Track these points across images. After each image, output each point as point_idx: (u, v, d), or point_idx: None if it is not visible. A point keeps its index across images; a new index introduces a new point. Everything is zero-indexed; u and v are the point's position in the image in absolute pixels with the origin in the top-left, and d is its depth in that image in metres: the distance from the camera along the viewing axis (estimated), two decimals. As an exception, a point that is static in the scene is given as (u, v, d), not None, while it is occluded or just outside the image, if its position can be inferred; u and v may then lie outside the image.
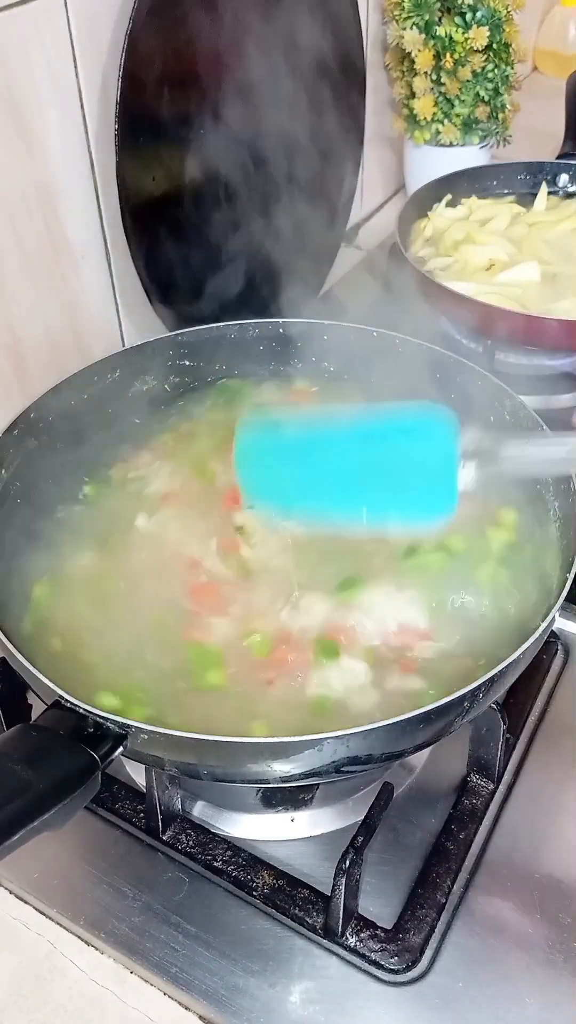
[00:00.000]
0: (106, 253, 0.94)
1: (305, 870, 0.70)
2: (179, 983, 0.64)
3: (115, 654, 0.68)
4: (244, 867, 0.69)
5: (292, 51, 1.00)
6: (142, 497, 0.80)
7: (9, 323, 0.85)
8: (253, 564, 0.74)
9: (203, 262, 0.99)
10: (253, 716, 0.63)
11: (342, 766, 0.58)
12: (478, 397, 0.83)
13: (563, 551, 0.70)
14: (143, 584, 0.73)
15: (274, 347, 0.92)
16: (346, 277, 1.34)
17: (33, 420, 0.78)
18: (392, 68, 1.33)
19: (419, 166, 1.39)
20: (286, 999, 0.63)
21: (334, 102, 1.13)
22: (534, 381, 1.11)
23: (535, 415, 0.78)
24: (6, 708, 0.73)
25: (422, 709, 0.56)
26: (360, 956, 0.65)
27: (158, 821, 0.70)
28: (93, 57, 0.84)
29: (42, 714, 0.57)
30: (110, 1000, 0.64)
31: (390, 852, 0.70)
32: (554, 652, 0.85)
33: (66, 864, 0.70)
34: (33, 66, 0.78)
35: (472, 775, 0.74)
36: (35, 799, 0.50)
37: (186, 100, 0.90)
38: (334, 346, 0.91)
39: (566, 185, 1.29)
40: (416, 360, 0.87)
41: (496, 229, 1.17)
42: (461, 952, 0.65)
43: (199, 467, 0.83)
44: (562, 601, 0.64)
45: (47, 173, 0.84)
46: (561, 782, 0.75)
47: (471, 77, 1.26)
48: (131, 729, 0.55)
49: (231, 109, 0.95)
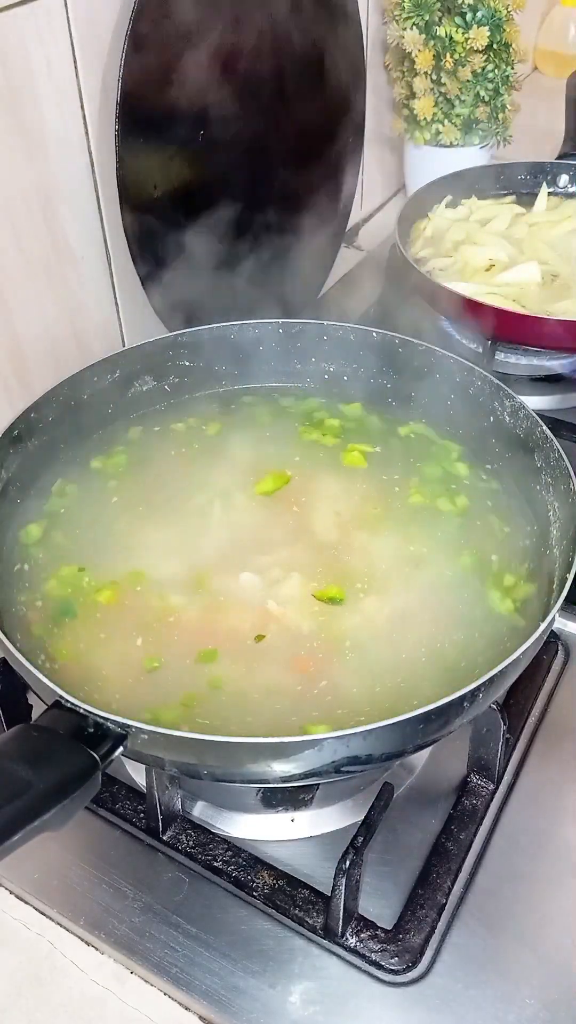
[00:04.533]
0: (106, 253, 0.94)
1: (305, 870, 0.70)
2: (179, 983, 0.64)
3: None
4: (244, 867, 0.69)
5: (292, 51, 1.00)
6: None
7: (9, 323, 0.85)
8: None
9: (203, 262, 0.98)
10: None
11: (342, 766, 0.58)
12: (478, 397, 0.83)
13: (563, 551, 0.70)
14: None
15: (274, 347, 0.92)
16: (346, 277, 1.34)
17: (33, 420, 0.78)
18: (392, 68, 1.33)
19: (419, 166, 1.39)
20: (286, 999, 0.63)
21: (334, 102, 1.13)
22: (534, 381, 1.11)
23: (535, 415, 0.78)
24: (6, 708, 0.73)
25: (422, 709, 0.56)
26: (360, 956, 0.65)
27: (158, 821, 0.70)
28: (93, 57, 0.84)
29: (42, 714, 0.57)
30: (110, 1000, 0.64)
31: (390, 852, 0.70)
32: (554, 652, 0.85)
33: (66, 864, 0.70)
34: (33, 66, 0.78)
35: (472, 775, 0.74)
36: (35, 799, 0.50)
37: (186, 100, 0.90)
38: (334, 346, 0.91)
39: (567, 185, 1.29)
40: (416, 360, 0.87)
41: (496, 229, 1.17)
42: (461, 952, 0.65)
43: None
44: (562, 601, 0.64)
45: (47, 173, 0.84)
46: (561, 782, 0.75)
47: (471, 77, 1.26)
48: (131, 729, 0.55)
49: (231, 109, 0.95)
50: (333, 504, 0.80)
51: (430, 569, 0.74)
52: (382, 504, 0.80)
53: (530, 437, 0.78)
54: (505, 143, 1.37)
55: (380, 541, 0.76)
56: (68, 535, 0.77)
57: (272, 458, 0.84)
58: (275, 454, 0.85)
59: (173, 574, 0.74)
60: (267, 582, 0.72)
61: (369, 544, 0.76)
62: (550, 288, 1.08)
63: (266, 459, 0.84)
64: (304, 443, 0.86)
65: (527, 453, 0.78)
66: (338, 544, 0.76)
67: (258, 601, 0.71)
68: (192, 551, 0.76)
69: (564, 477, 0.73)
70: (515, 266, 1.09)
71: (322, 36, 1.06)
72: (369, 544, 0.76)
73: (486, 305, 1.01)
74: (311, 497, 0.80)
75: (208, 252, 0.99)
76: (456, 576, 0.74)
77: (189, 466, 0.84)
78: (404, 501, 0.80)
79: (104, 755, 0.55)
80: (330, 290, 1.30)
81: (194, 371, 0.90)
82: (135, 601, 0.72)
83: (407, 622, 0.70)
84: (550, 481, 0.75)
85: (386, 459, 0.85)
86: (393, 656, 0.68)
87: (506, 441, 0.81)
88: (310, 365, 0.92)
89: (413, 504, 0.80)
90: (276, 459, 0.84)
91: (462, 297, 1.02)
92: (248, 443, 0.86)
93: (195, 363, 0.90)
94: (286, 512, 0.79)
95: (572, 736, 0.78)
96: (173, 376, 0.90)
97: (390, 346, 0.88)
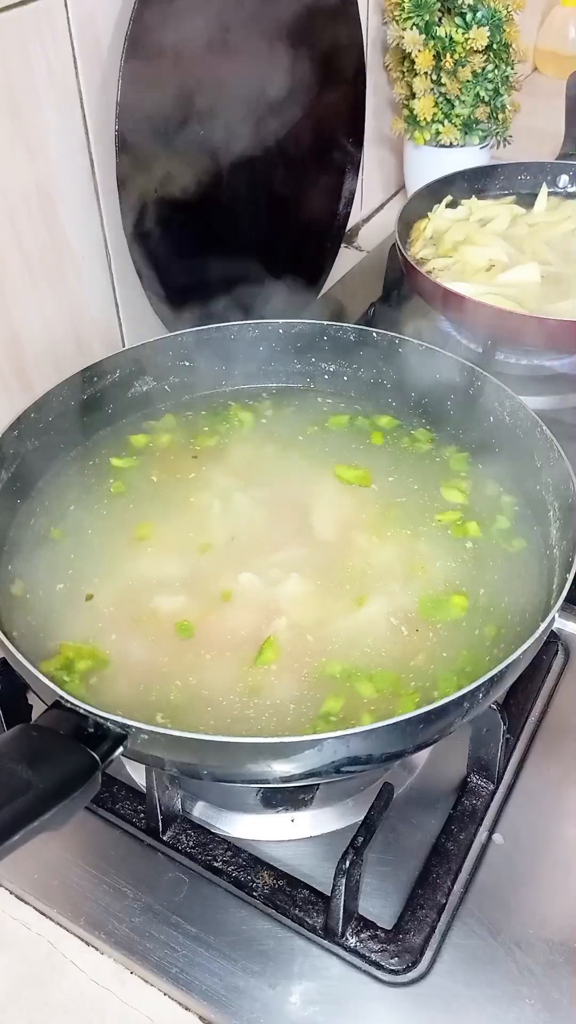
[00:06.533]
0: (106, 253, 0.94)
1: (305, 870, 0.69)
2: (179, 983, 0.64)
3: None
4: (244, 867, 0.69)
5: (292, 51, 1.00)
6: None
7: (9, 323, 0.85)
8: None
9: (203, 262, 0.99)
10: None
11: (342, 766, 0.58)
12: (478, 397, 0.83)
13: (563, 551, 0.70)
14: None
15: (274, 348, 0.92)
16: (346, 277, 1.34)
17: (33, 420, 0.78)
18: (392, 68, 1.33)
19: (419, 166, 1.39)
20: (286, 1000, 0.63)
21: (334, 102, 1.13)
22: (534, 381, 1.11)
23: (535, 416, 0.78)
24: (6, 708, 0.73)
25: (422, 709, 0.56)
26: (360, 957, 0.65)
27: (158, 821, 0.70)
28: (93, 57, 0.84)
29: (42, 714, 0.57)
30: (110, 1000, 0.64)
31: (390, 852, 0.70)
32: (554, 652, 0.85)
33: (66, 864, 0.70)
34: (33, 66, 0.79)
35: (472, 775, 0.74)
36: (35, 799, 0.50)
37: (186, 101, 0.90)
38: (334, 347, 0.91)
39: (567, 185, 1.29)
40: (416, 361, 0.87)
41: (496, 230, 1.17)
42: (461, 952, 0.65)
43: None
44: (562, 601, 0.64)
45: (47, 174, 0.84)
46: (561, 782, 0.75)
47: (471, 77, 1.26)
48: (131, 729, 0.55)
49: (231, 109, 0.95)
50: (332, 505, 0.80)
51: (429, 569, 0.74)
52: (381, 504, 0.80)
53: (530, 437, 0.78)
54: (505, 143, 1.37)
55: (379, 541, 0.76)
56: (68, 535, 0.77)
57: (272, 458, 0.84)
58: (275, 454, 0.85)
59: (174, 574, 0.74)
60: (267, 582, 0.73)
61: (367, 545, 0.76)
62: (550, 288, 1.08)
63: (266, 459, 0.84)
64: (303, 443, 0.86)
65: (527, 453, 0.78)
66: (337, 544, 0.76)
67: (259, 601, 0.71)
68: (193, 551, 0.75)
69: (564, 477, 0.73)
70: (515, 266, 1.09)
71: (322, 36, 1.06)
72: (367, 545, 0.76)
73: (486, 305, 1.01)
74: (310, 498, 0.80)
75: (208, 252, 0.99)
76: (455, 576, 0.74)
77: (189, 466, 0.84)
78: (404, 501, 0.80)
79: (104, 755, 0.55)
80: (330, 290, 1.30)
81: (194, 371, 0.90)
82: (135, 601, 0.72)
83: (407, 623, 0.70)
84: (550, 481, 0.75)
85: (386, 459, 0.84)
86: (394, 656, 0.68)
87: (506, 441, 0.81)
88: (310, 365, 0.92)
89: (412, 503, 0.80)
90: (276, 459, 0.84)
91: (462, 297, 1.02)
92: (248, 443, 0.86)
93: (195, 363, 0.90)
94: (286, 513, 0.79)
95: (572, 736, 0.78)
96: (173, 376, 0.90)
97: (390, 346, 0.88)
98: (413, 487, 0.82)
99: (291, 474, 0.83)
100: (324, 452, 0.85)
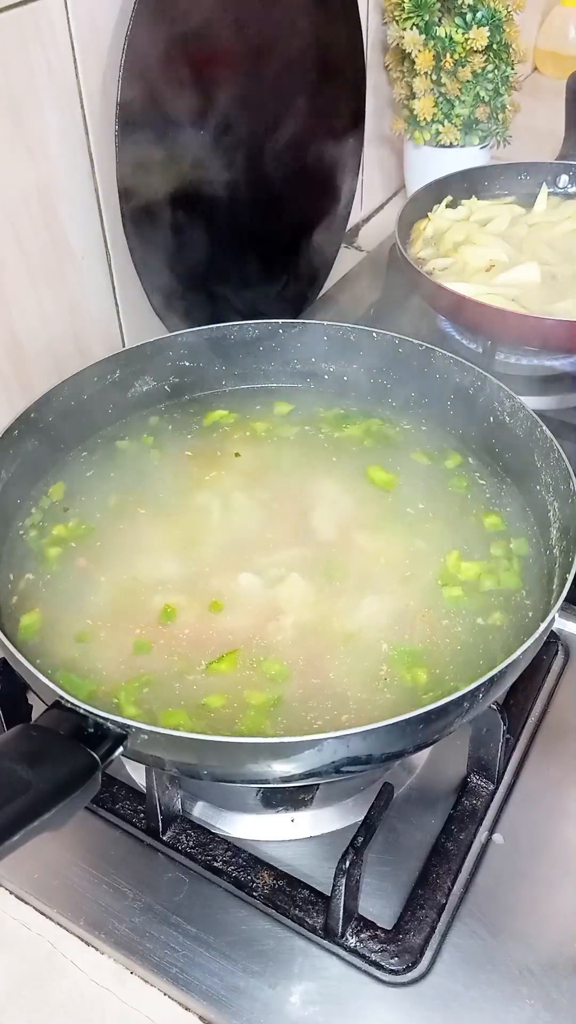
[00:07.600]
0: (106, 253, 0.94)
1: (305, 870, 0.69)
2: (179, 983, 0.64)
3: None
4: (244, 867, 0.69)
5: (292, 51, 1.00)
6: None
7: (9, 323, 0.85)
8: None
9: (203, 263, 0.99)
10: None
11: (342, 766, 0.58)
12: (478, 398, 0.83)
13: (563, 551, 0.70)
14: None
15: (274, 348, 0.92)
16: (346, 278, 1.34)
17: (33, 420, 0.78)
18: (392, 68, 1.33)
19: (419, 167, 1.39)
20: (286, 1000, 0.63)
21: (334, 102, 1.13)
22: (534, 381, 1.11)
23: (535, 416, 0.78)
24: (6, 708, 0.73)
25: (422, 709, 0.56)
26: (360, 957, 0.65)
27: (158, 821, 0.70)
28: (93, 57, 0.84)
29: (42, 714, 0.57)
30: (110, 1000, 0.64)
31: (390, 852, 0.70)
32: (554, 652, 0.85)
33: (66, 864, 0.70)
34: (33, 66, 0.79)
35: (472, 775, 0.74)
36: (35, 799, 0.50)
37: (186, 100, 0.90)
38: (334, 347, 0.91)
39: (567, 186, 1.29)
40: (416, 361, 0.87)
41: (496, 230, 1.17)
42: (461, 952, 0.65)
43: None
44: (562, 601, 0.64)
45: (47, 174, 0.84)
46: (561, 782, 0.75)
47: (471, 77, 1.26)
48: (131, 729, 0.55)
49: (230, 109, 0.95)
50: (331, 504, 0.80)
51: (428, 569, 0.74)
52: (380, 504, 0.80)
53: (530, 437, 0.78)
54: (505, 143, 1.37)
55: (378, 540, 0.76)
56: (68, 535, 0.77)
57: (273, 458, 0.84)
58: (275, 454, 0.85)
59: (173, 574, 0.74)
60: (267, 581, 0.73)
61: (366, 544, 0.76)
62: (550, 288, 1.08)
63: (266, 459, 0.84)
64: (304, 442, 0.86)
65: (527, 453, 0.78)
66: (336, 543, 0.76)
67: (259, 601, 0.71)
68: (193, 551, 0.75)
69: (564, 477, 0.73)
70: (515, 266, 1.09)
71: (322, 36, 1.06)
72: (366, 544, 0.76)
73: (486, 305, 1.01)
74: (310, 497, 0.80)
75: (207, 252, 0.99)
76: (453, 575, 0.74)
77: (189, 466, 0.84)
78: (402, 501, 0.80)
79: (104, 755, 0.55)
80: (330, 290, 1.30)
81: (194, 371, 0.90)
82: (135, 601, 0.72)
83: (405, 621, 0.70)
84: (550, 481, 0.75)
85: (386, 459, 0.84)
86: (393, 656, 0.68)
87: (506, 441, 0.81)
88: (310, 365, 0.92)
89: (411, 504, 0.80)
90: (276, 459, 0.84)
91: (462, 297, 1.02)
92: (247, 443, 0.86)
93: (195, 363, 0.90)
94: (285, 513, 0.79)
95: (572, 736, 0.78)
96: (173, 376, 0.90)
97: (390, 346, 0.88)
98: (413, 487, 0.82)
99: (291, 474, 0.83)
100: (324, 452, 0.85)
